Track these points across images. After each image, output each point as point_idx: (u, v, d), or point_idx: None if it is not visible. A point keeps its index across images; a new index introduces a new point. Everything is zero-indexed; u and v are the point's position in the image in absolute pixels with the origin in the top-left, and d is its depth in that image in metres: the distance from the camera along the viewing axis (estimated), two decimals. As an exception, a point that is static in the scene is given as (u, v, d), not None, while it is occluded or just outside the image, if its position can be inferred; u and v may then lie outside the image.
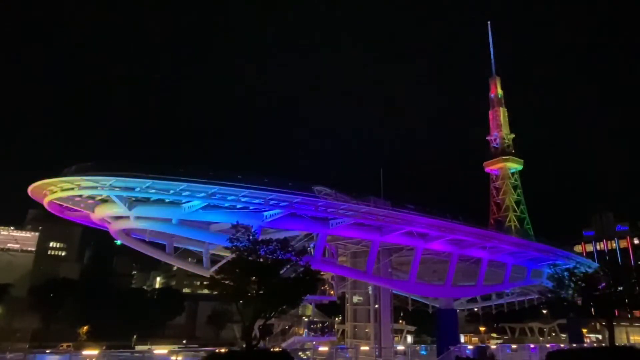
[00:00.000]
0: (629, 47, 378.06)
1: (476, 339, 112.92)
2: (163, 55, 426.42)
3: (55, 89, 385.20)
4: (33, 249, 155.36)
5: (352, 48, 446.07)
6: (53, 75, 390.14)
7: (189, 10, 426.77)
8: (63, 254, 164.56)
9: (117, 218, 51.59)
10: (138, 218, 48.91)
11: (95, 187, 44.74)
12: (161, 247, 58.35)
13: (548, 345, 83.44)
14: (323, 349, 61.73)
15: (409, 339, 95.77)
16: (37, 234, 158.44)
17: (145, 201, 47.12)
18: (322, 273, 53.69)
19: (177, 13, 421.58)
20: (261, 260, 36.61)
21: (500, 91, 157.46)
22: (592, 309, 58.06)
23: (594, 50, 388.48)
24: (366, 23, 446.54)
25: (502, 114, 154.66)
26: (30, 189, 47.67)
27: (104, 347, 68.12)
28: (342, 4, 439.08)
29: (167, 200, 45.96)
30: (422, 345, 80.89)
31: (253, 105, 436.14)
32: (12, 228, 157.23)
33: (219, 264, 48.50)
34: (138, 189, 43.73)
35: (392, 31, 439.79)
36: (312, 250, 52.74)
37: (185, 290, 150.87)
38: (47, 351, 59.99)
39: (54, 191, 47.14)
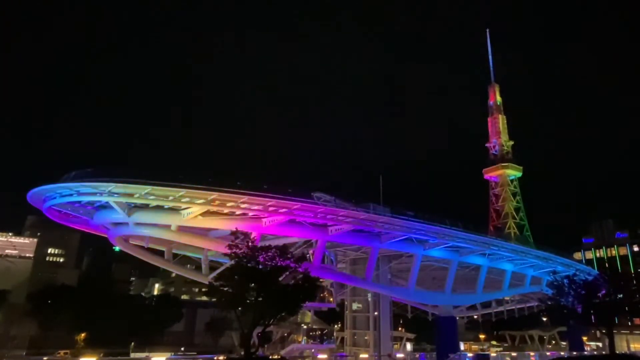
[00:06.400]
0: (629, 51, 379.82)
1: (476, 346, 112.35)
2: (163, 54, 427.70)
3: (52, 92, 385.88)
4: (31, 255, 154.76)
5: (351, 52, 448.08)
6: (48, 79, 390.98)
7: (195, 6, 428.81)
8: (61, 260, 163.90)
9: (116, 224, 51.50)
10: (137, 224, 48.83)
11: (95, 194, 44.67)
12: (160, 254, 58.20)
13: (548, 354, 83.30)
14: (322, 356, 61.58)
15: (409, 346, 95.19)
16: (35, 240, 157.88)
17: (145, 207, 47.07)
18: (321, 280, 53.53)
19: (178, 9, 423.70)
20: (260, 267, 36.63)
21: (499, 98, 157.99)
22: (592, 317, 57.88)
23: (594, 56, 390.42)
24: (367, 28, 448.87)
25: (501, 121, 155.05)
26: (29, 195, 47.60)
27: (101, 355, 67.79)
28: (341, 14, 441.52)
29: (166, 207, 45.90)
30: (422, 353, 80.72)
31: (252, 109, 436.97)
32: (10, 234, 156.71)
33: (218, 271, 48.39)
34: (137, 195, 43.65)
35: (391, 37, 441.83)
36: (311, 256, 52.68)
37: (184, 297, 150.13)
38: (45, 358, 59.83)
39: (53, 197, 47.08)
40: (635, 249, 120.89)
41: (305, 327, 62.65)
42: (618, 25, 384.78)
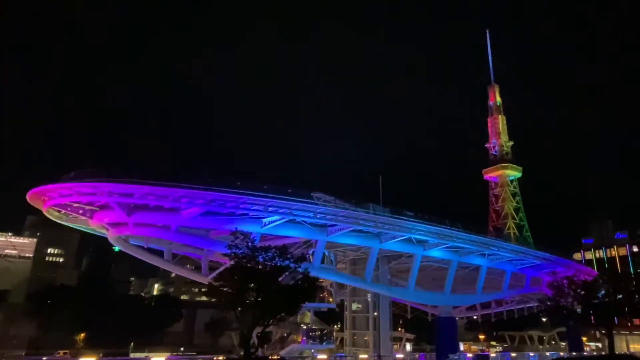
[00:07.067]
0: (629, 52, 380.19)
1: (475, 347, 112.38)
2: (164, 56, 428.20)
3: (49, 93, 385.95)
4: (31, 255, 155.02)
5: (350, 53, 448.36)
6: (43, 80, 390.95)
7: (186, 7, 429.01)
8: (61, 260, 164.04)
9: (116, 224, 51.46)
10: (137, 224, 48.82)
11: (94, 194, 44.68)
12: (160, 254, 58.13)
13: (548, 354, 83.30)
14: (321, 356, 61.50)
15: (408, 347, 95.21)
16: (35, 240, 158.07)
17: (145, 207, 47.05)
18: (321, 280, 53.55)
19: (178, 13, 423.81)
20: (260, 267, 36.63)
21: (499, 99, 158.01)
22: (592, 317, 57.97)
23: (594, 57, 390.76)
24: (366, 29, 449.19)
25: (501, 121, 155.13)
26: (29, 195, 47.59)
27: (101, 355, 67.67)
28: (341, 15, 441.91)
29: (166, 207, 45.88)
30: (422, 354, 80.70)
31: (252, 111, 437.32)
32: (10, 234, 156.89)
33: (218, 271, 48.46)
34: (137, 195, 43.66)
35: (391, 37, 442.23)
36: (311, 257, 52.72)
37: (184, 297, 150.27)
38: (44, 358, 59.71)
39: (52, 197, 47.06)
40: (635, 249, 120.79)
41: (304, 327, 62.45)
42: (618, 24, 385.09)
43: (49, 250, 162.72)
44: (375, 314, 67.00)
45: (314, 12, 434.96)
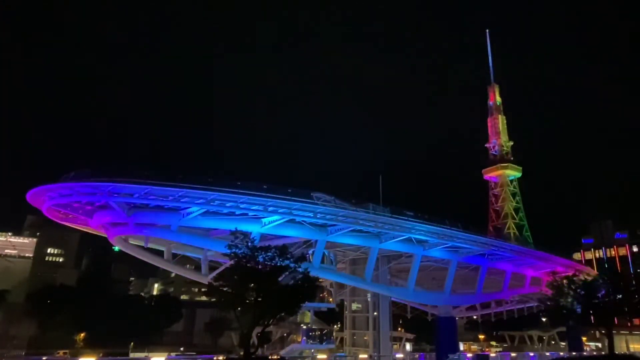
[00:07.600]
0: (630, 51, 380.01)
1: (475, 347, 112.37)
2: (165, 56, 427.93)
3: (47, 92, 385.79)
4: (31, 255, 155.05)
5: (350, 53, 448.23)
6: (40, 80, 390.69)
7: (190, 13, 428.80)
8: (61, 260, 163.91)
9: (116, 224, 51.45)
10: (137, 224, 48.78)
11: (94, 193, 44.68)
12: (159, 254, 58.13)
13: (547, 354, 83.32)
14: (321, 356, 61.56)
15: (408, 347, 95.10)
16: (34, 240, 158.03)
17: (145, 207, 47.04)
18: (320, 280, 53.59)
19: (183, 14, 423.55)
20: (260, 267, 36.63)
21: (498, 99, 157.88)
22: (592, 317, 57.95)
23: (595, 57, 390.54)
24: (366, 28, 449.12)
25: (501, 121, 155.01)
26: (29, 195, 47.56)
27: (100, 355, 67.68)
28: (341, 15, 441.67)
29: (166, 207, 45.89)
30: (421, 354, 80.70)
31: (252, 112, 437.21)
32: (9, 234, 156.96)
33: (218, 271, 48.48)
34: (137, 195, 43.66)
35: (391, 37, 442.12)
36: (310, 257, 52.70)
37: (184, 297, 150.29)
38: (44, 358, 59.75)
39: (52, 197, 47.04)
40: (635, 249, 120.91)
41: (304, 327, 62.44)
42: (618, 23, 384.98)
43: (48, 250, 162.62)
44: (375, 314, 67.01)
45: (314, 12, 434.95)
